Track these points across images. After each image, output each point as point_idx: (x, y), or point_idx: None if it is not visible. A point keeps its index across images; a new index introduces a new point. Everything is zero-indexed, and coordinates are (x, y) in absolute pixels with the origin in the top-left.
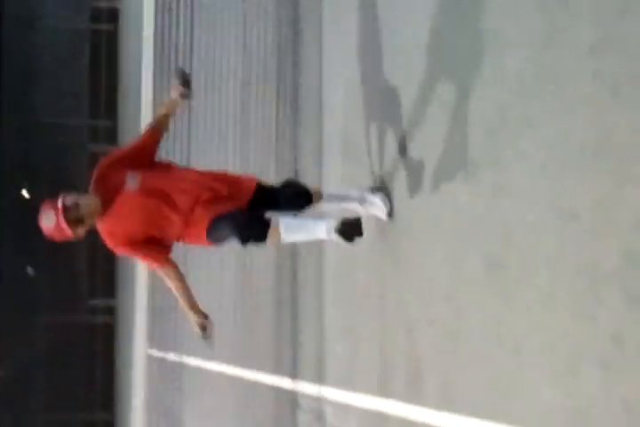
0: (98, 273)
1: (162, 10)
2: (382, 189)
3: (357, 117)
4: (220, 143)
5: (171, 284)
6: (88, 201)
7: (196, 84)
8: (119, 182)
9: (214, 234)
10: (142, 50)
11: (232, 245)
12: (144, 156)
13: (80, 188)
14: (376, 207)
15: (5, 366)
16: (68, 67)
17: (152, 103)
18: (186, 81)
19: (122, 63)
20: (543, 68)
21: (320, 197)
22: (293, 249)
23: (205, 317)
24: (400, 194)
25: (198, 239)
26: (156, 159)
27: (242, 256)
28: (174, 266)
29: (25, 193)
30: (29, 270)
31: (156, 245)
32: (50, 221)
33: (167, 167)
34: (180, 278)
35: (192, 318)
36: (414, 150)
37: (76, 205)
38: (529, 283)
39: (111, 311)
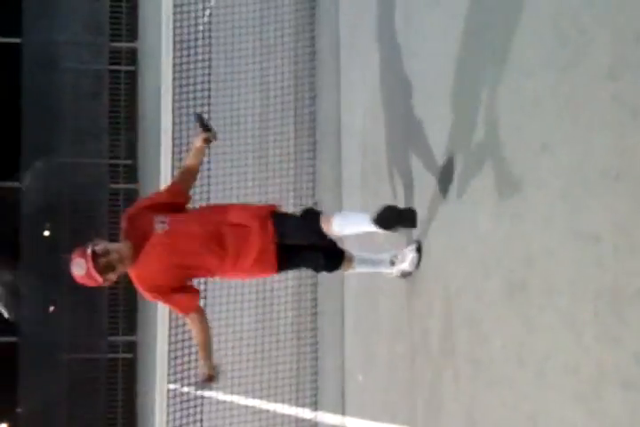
0: (119, 309)
1: (180, 49)
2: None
3: (376, 148)
4: (240, 177)
5: (193, 331)
6: (118, 247)
7: (214, 120)
8: (148, 227)
9: (288, 265)
10: (161, 89)
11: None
12: (174, 203)
13: (102, 225)
14: (407, 262)
15: (27, 404)
16: (88, 107)
17: (171, 141)
18: (205, 125)
19: (141, 103)
20: (562, 94)
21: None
22: (314, 279)
23: (215, 370)
24: (421, 222)
25: (251, 271)
26: (189, 206)
27: (262, 287)
28: (201, 314)
29: (47, 232)
30: (51, 308)
31: (185, 293)
32: (81, 269)
33: (200, 209)
34: (204, 328)
35: (202, 367)
36: (434, 179)
37: (106, 252)
38: (551, 305)
39: (132, 347)
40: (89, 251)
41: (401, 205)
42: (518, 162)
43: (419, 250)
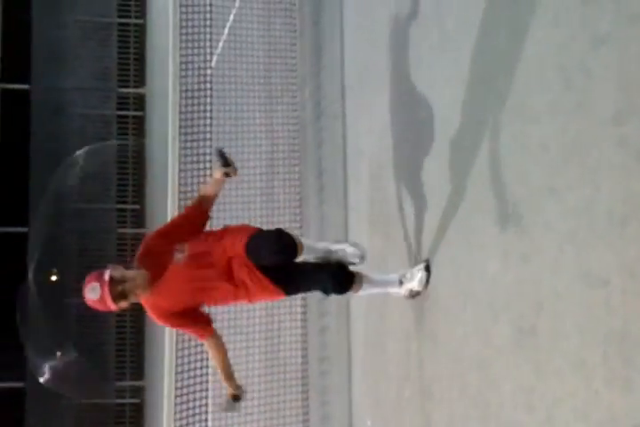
0: (126, 355)
1: (185, 97)
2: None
3: (382, 190)
4: (247, 220)
5: (211, 354)
6: (134, 276)
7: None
8: (166, 256)
9: (298, 288)
10: (168, 134)
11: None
12: (190, 230)
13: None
14: (415, 281)
15: None
16: (96, 152)
17: (177, 186)
18: (226, 161)
19: (149, 147)
20: (568, 138)
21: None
22: (321, 323)
23: (239, 390)
24: (429, 264)
25: (262, 295)
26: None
27: (270, 334)
28: (217, 338)
29: (54, 277)
30: (58, 354)
31: (200, 319)
32: (94, 294)
33: (217, 233)
34: (221, 351)
35: (228, 389)
36: (441, 223)
37: (123, 279)
38: (559, 350)
39: (139, 392)
40: (106, 276)
41: (410, 248)
42: (525, 205)
43: (427, 269)
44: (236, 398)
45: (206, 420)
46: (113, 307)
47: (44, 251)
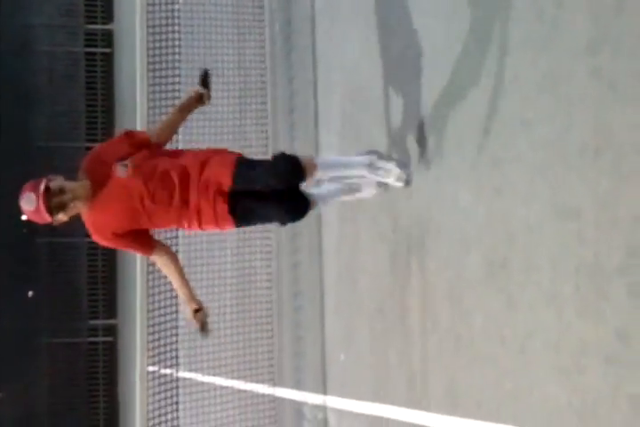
0: (99, 293)
1: (153, 32)
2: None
3: (354, 126)
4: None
5: (164, 269)
6: (74, 187)
7: None
8: (109, 169)
9: (248, 221)
10: (136, 72)
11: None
12: (138, 146)
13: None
14: (391, 173)
15: (7, 390)
16: (65, 90)
17: (147, 124)
18: (205, 82)
19: (117, 85)
20: (541, 69)
21: (314, 168)
22: (294, 259)
23: (201, 307)
24: (400, 198)
25: (213, 220)
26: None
27: (242, 268)
28: (166, 251)
29: (24, 216)
30: (29, 293)
31: (142, 236)
32: (30, 204)
33: (164, 152)
34: (172, 265)
35: (189, 312)
36: (413, 154)
37: (61, 190)
38: (532, 282)
39: (112, 331)
40: (42, 187)
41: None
42: (498, 137)
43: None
44: (202, 322)
45: (177, 357)
46: (49, 219)
47: (12, 191)
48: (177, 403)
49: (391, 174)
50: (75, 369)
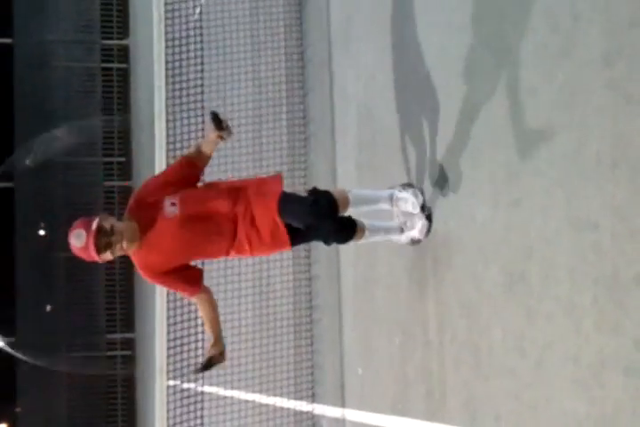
0: (116, 307)
1: (172, 46)
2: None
3: (370, 137)
4: (233, 168)
5: (202, 311)
6: (123, 228)
7: (207, 116)
8: (158, 209)
9: (303, 238)
10: (154, 86)
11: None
12: (182, 182)
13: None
14: (408, 202)
15: (26, 403)
16: (81, 105)
17: (165, 138)
18: (220, 124)
19: (134, 99)
20: (557, 81)
21: (347, 202)
22: (312, 272)
23: (222, 351)
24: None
25: (261, 247)
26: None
27: (259, 281)
28: (207, 293)
29: (42, 232)
30: (48, 308)
31: (190, 276)
32: (79, 241)
33: (208, 186)
34: (209, 307)
35: (210, 351)
36: (431, 169)
37: (111, 230)
38: (550, 295)
39: (130, 344)
40: (94, 225)
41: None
42: (515, 151)
43: (429, 218)
44: (214, 359)
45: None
46: (96, 258)
47: (31, 205)
48: (201, 417)
49: (408, 202)
50: (93, 383)
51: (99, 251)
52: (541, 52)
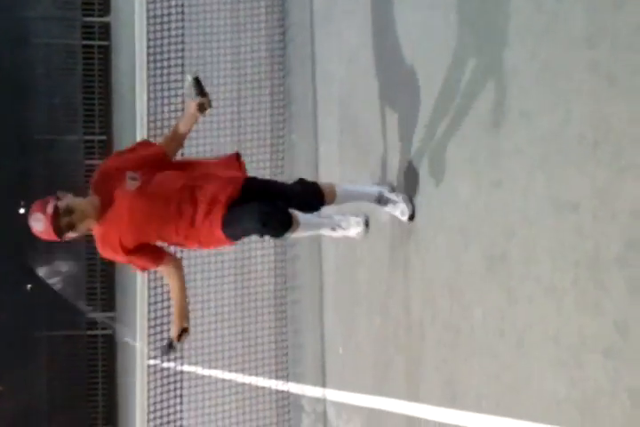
0: (97, 287)
1: (153, 23)
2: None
3: (353, 118)
4: (215, 149)
5: (168, 280)
6: (83, 205)
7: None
8: (119, 182)
9: (233, 228)
10: (135, 64)
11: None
12: (148, 159)
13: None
14: (398, 207)
15: (6, 382)
16: (62, 83)
17: (147, 116)
18: (202, 89)
19: (115, 77)
20: (539, 62)
21: (334, 196)
22: (293, 253)
23: (187, 328)
24: (401, 191)
25: (210, 238)
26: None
27: (241, 262)
28: (174, 262)
29: (22, 210)
30: (28, 287)
31: (150, 252)
32: (39, 225)
33: (177, 164)
34: (176, 280)
35: (175, 324)
36: (412, 149)
37: (69, 210)
38: (530, 275)
39: (110, 324)
40: (50, 208)
41: (382, 177)
42: (496, 130)
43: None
44: (181, 338)
45: (181, 349)
46: (57, 239)
47: (10, 183)
48: (180, 396)
49: (398, 208)
50: (74, 362)
51: (59, 233)
52: (524, 32)
